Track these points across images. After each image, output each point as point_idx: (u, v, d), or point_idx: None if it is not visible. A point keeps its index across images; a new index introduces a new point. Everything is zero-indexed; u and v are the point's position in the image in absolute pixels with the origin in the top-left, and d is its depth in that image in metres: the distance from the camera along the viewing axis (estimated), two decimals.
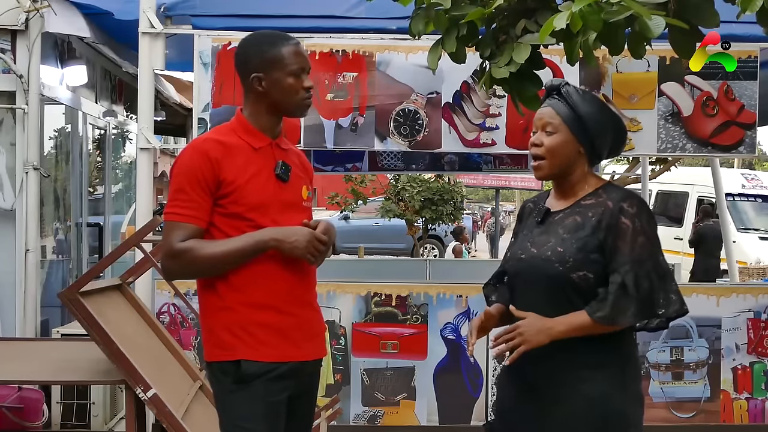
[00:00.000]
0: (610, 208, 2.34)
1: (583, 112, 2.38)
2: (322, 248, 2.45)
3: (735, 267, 7.94)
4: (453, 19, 2.79)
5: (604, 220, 2.32)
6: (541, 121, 2.43)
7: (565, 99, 2.40)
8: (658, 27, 2.21)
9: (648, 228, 2.32)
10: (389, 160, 7.76)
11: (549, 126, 2.40)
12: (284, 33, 2.55)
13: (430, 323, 4.78)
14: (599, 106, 2.42)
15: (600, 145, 2.42)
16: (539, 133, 2.43)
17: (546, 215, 2.46)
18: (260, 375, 2.39)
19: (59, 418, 4.84)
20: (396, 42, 4.67)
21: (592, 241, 2.32)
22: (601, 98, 2.53)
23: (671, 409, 4.85)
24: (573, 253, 2.32)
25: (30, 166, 4.99)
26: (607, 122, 2.41)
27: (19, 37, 5.00)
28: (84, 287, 3.31)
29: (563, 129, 2.39)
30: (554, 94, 2.44)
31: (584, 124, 2.38)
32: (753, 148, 4.89)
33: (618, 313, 2.26)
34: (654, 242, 2.33)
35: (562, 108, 2.40)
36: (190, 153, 2.44)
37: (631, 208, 2.32)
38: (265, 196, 2.45)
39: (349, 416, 4.75)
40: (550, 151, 2.40)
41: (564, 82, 2.45)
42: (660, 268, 2.31)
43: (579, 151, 2.40)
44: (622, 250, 2.28)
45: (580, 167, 2.43)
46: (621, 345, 2.36)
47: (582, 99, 2.40)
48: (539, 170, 2.44)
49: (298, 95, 2.50)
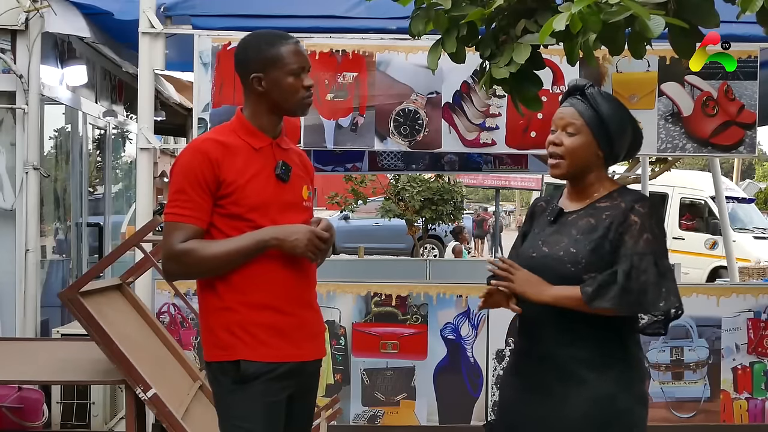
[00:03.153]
0: (622, 208, 2.35)
1: (606, 116, 2.38)
2: (322, 246, 2.45)
3: (735, 267, 7.94)
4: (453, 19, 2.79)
5: (616, 221, 2.33)
6: (563, 120, 2.41)
7: (589, 101, 2.39)
8: (657, 27, 2.21)
9: (656, 228, 2.33)
10: (389, 160, 7.76)
11: (571, 126, 2.39)
12: (284, 32, 2.54)
13: (430, 323, 4.78)
14: (622, 111, 2.42)
15: (619, 149, 2.42)
16: (559, 133, 2.42)
17: (559, 215, 2.46)
18: (260, 375, 2.39)
19: (59, 418, 4.85)
20: (396, 42, 4.67)
21: (606, 244, 2.32)
22: (621, 101, 2.52)
23: (671, 409, 4.85)
24: (586, 254, 2.32)
25: (30, 166, 4.99)
26: (628, 126, 2.42)
27: (19, 37, 5.00)
28: (84, 287, 3.31)
29: (585, 131, 2.38)
30: (577, 94, 2.43)
31: (606, 128, 2.38)
32: (753, 148, 4.88)
33: (598, 295, 2.25)
34: (660, 242, 2.33)
35: (585, 110, 2.39)
36: (190, 153, 2.44)
37: (642, 209, 2.34)
38: (266, 197, 2.45)
39: (349, 416, 4.75)
40: (570, 151, 2.39)
41: (589, 83, 2.44)
42: (662, 266, 2.30)
43: (597, 154, 2.41)
44: (627, 243, 2.30)
45: (597, 169, 2.43)
46: (627, 346, 2.36)
47: (605, 102, 2.40)
48: (557, 168, 2.43)
49: (299, 94, 2.49)
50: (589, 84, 2.44)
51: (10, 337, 4.84)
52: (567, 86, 2.52)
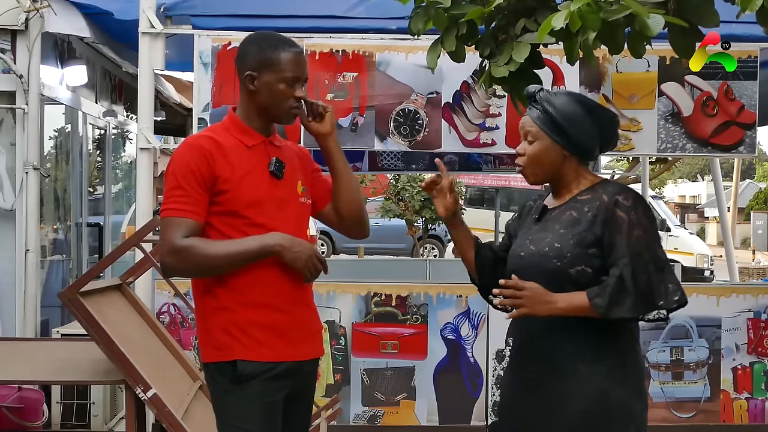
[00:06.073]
0: (605, 201, 2.34)
1: (557, 114, 2.38)
2: (319, 267, 2.46)
3: (735, 267, 7.94)
4: (452, 18, 2.79)
5: (600, 215, 2.32)
6: (523, 129, 2.45)
7: (540, 105, 2.41)
8: (657, 25, 2.21)
9: (645, 220, 2.32)
10: (389, 160, 7.75)
11: (529, 134, 2.43)
12: (290, 38, 2.52)
13: (430, 323, 4.78)
14: (575, 105, 2.40)
15: (583, 143, 2.41)
16: (523, 143, 2.45)
17: (543, 212, 2.47)
18: (257, 375, 2.39)
19: (59, 418, 4.85)
20: (396, 42, 4.67)
21: (589, 236, 2.32)
22: (578, 95, 2.51)
23: (671, 409, 4.85)
24: (570, 248, 2.32)
25: (30, 166, 4.99)
26: (586, 118, 2.39)
27: (19, 37, 5.00)
28: (84, 287, 3.31)
29: (542, 136, 2.40)
30: (531, 101, 2.45)
31: (560, 126, 2.38)
32: (753, 148, 4.89)
33: (614, 306, 2.25)
34: (651, 234, 2.33)
35: (538, 115, 2.41)
36: (186, 150, 2.43)
37: (627, 201, 2.32)
38: (260, 193, 2.44)
39: (349, 416, 4.75)
40: (532, 159, 2.42)
41: (538, 88, 2.45)
42: (658, 261, 2.30)
43: (564, 154, 2.41)
44: (620, 243, 2.29)
45: (570, 168, 2.43)
46: (620, 339, 2.36)
47: (556, 101, 2.39)
48: (527, 177, 2.47)
49: (287, 103, 2.47)
50: (539, 89, 2.45)
51: (10, 337, 4.84)
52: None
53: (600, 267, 2.31)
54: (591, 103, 2.45)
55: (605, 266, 2.31)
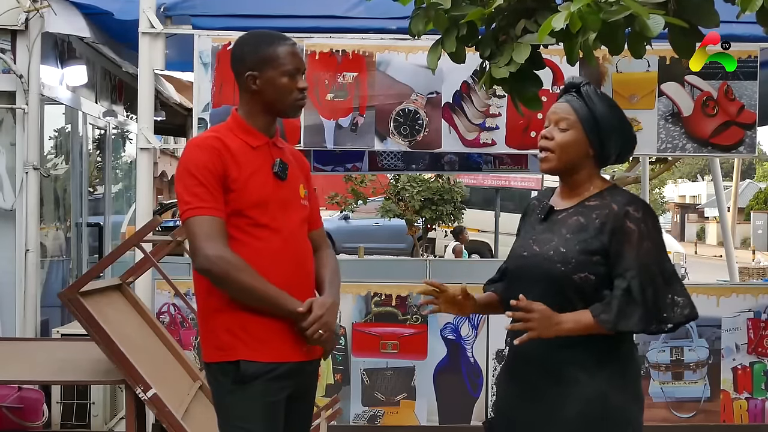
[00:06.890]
0: (614, 211, 2.32)
1: (600, 115, 2.37)
2: (323, 336, 2.47)
3: (735, 267, 7.94)
4: (453, 19, 2.78)
5: (609, 224, 2.30)
6: (556, 115, 2.41)
7: (584, 99, 2.39)
8: (657, 26, 2.21)
9: (654, 233, 2.31)
10: (389, 160, 7.76)
11: (563, 122, 2.39)
12: (280, 33, 2.55)
13: (430, 323, 4.78)
14: (616, 112, 2.41)
15: (610, 149, 2.41)
16: (551, 127, 2.41)
17: (549, 213, 2.46)
18: (259, 375, 2.39)
19: (59, 418, 4.85)
20: (396, 42, 4.67)
21: (595, 244, 2.30)
22: (617, 103, 2.50)
23: (671, 409, 4.85)
24: (575, 254, 2.30)
25: (30, 166, 4.99)
26: (621, 128, 2.40)
27: (19, 37, 5.00)
28: (84, 287, 3.31)
29: (577, 127, 2.38)
30: (573, 91, 2.42)
31: (599, 126, 2.37)
32: (753, 148, 4.89)
33: (621, 319, 2.24)
34: (659, 247, 2.31)
35: (580, 107, 2.38)
36: (198, 149, 2.43)
37: (637, 213, 2.31)
38: (265, 194, 2.45)
39: (349, 416, 4.75)
40: (561, 146, 2.38)
41: (585, 80, 2.44)
42: (666, 273, 2.29)
43: (588, 152, 2.40)
44: (628, 254, 2.27)
45: (588, 168, 2.42)
46: (620, 345, 2.35)
47: (600, 102, 2.39)
48: (546, 162, 2.41)
49: (292, 95, 2.49)
50: (586, 82, 2.43)
51: (10, 337, 4.84)
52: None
53: (603, 275, 2.29)
54: (624, 116, 2.44)
55: (608, 274, 2.29)
